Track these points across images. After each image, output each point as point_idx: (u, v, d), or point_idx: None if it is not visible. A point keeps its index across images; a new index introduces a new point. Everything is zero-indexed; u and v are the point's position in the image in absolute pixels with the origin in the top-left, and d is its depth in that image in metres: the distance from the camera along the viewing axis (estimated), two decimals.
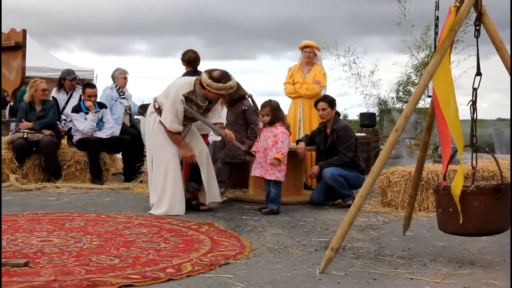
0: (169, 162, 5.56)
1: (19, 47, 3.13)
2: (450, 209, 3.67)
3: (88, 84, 8.44)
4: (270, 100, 5.94)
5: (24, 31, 3.14)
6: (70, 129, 8.03)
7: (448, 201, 3.67)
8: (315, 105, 6.43)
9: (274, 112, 5.80)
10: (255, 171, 5.84)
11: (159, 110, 5.62)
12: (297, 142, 6.58)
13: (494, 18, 3.79)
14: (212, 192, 5.70)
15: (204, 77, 5.33)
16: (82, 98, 7.93)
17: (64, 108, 8.34)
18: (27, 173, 7.56)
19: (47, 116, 7.73)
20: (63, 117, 8.31)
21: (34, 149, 7.60)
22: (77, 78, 9.15)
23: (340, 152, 6.14)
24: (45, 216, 5.22)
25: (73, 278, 3.26)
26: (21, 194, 6.73)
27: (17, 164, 7.47)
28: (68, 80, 8.52)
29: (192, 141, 5.75)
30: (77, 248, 4.01)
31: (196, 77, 5.58)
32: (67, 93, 8.52)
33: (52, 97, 8.42)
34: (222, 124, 5.86)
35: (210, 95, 5.41)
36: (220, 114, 5.93)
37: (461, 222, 3.55)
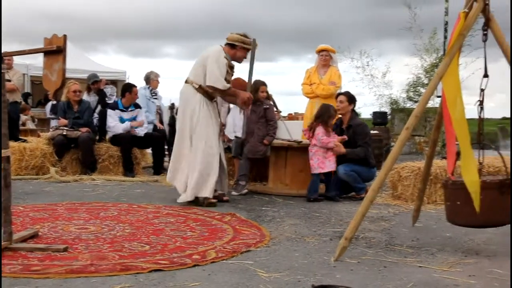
0: (215, 148, 5.53)
1: (60, 51, 3.18)
2: (458, 202, 3.64)
3: (132, 84, 8.43)
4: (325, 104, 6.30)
5: (65, 36, 3.19)
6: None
7: (456, 194, 3.64)
8: (336, 97, 6.46)
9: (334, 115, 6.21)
10: None
11: (201, 89, 5.51)
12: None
13: (502, 23, 3.75)
14: (225, 185, 5.80)
15: (235, 36, 5.55)
16: (119, 98, 8.05)
17: (95, 109, 8.43)
18: (66, 166, 7.68)
19: (83, 117, 7.84)
20: (95, 115, 8.40)
21: (72, 145, 7.71)
22: (110, 79, 9.27)
23: (360, 146, 6.08)
24: (82, 206, 5.29)
25: (108, 262, 3.30)
26: (60, 185, 6.83)
27: (57, 158, 7.60)
28: (90, 84, 8.65)
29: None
30: (111, 235, 4.06)
31: (217, 45, 5.63)
32: (97, 95, 8.62)
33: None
34: None
35: (239, 54, 5.59)
36: None
37: (477, 213, 3.49)
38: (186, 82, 5.61)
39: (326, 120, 6.04)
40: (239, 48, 5.60)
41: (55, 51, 3.17)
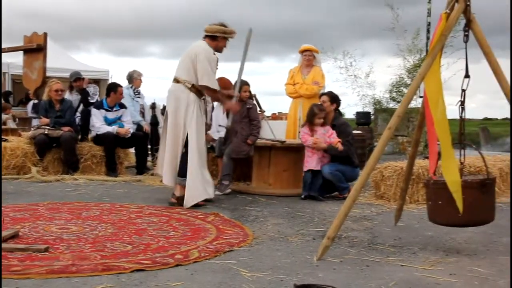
0: (204, 150, 5.56)
1: (41, 49, 3.14)
2: (440, 202, 3.67)
3: (117, 84, 8.33)
4: (317, 104, 6.27)
5: (45, 34, 3.16)
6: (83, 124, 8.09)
7: (438, 194, 3.66)
8: (320, 97, 6.52)
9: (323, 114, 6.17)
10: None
11: (194, 88, 5.42)
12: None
13: (483, 24, 3.80)
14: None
15: (215, 27, 5.48)
16: (105, 97, 7.98)
17: (77, 108, 8.34)
18: (47, 166, 7.59)
19: (65, 116, 7.76)
20: (77, 114, 8.31)
21: (54, 144, 7.63)
22: (93, 77, 9.18)
23: (344, 145, 6.12)
24: (64, 206, 5.24)
25: (89, 262, 3.28)
26: (42, 185, 6.75)
27: (38, 158, 7.51)
28: (73, 82, 8.54)
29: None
30: (93, 235, 4.03)
31: (200, 41, 5.56)
32: (79, 94, 8.50)
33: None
34: None
35: (220, 44, 5.55)
36: None
37: (460, 213, 3.54)
38: (177, 81, 5.48)
39: (311, 119, 6.10)
40: (221, 39, 5.54)
41: (35, 49, 3.13)
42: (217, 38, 5.52)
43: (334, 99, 6.35)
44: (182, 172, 5.42)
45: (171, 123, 5.48)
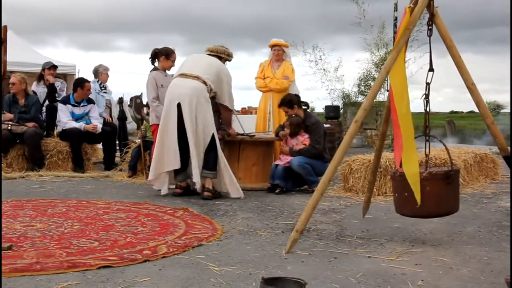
0: None
1: (1, 43, 3.07)
2: (406, 194, 3.72)
3: (85, 79, 8.16)
4: (294, 116, 6.34)
5: (5, 27, 3.08)
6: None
7: (404, 186, 3.71)
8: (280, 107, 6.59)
9: (293, 127, 6.27)
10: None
11: (210, 92, 5.65)
12: (277, 133, 6.60)
13: (447, 19, 3.85)
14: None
15: (220, 48, 5.91)
16: (72, 92, 7.83)
17: (44, 101, 8.17)
18: (11, 163, 7.43)
19: (30, 112, 7.59)
20: (43, 109, 8.14)
21: (18, 141, 7.46)
22: (59, 72, 8.97)
23: (310, 144, 6.19)
24: (28, 203, 5.14)
25: (54, 260, 3.22)
26: (6, 182, 6.59)
27: (2, 154, 7.32)
28: (47, 69, 8.29)
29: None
30: (58, 232, 3.96)
31: (212, 57, 5.85)
32: (46, 86, 8.29)
33: (33, 91, 8.19)
34: None
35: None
36: None
37: (418, 205, 3.61)
38: (204, 82, 5.56)
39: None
40: (223, 60, 5.93)
41: None
42: (222, 59, 5.91)
43: (289, 103, 6.36)
44: (210, 166, 5.61)
45: (193, 118, 5.50)
